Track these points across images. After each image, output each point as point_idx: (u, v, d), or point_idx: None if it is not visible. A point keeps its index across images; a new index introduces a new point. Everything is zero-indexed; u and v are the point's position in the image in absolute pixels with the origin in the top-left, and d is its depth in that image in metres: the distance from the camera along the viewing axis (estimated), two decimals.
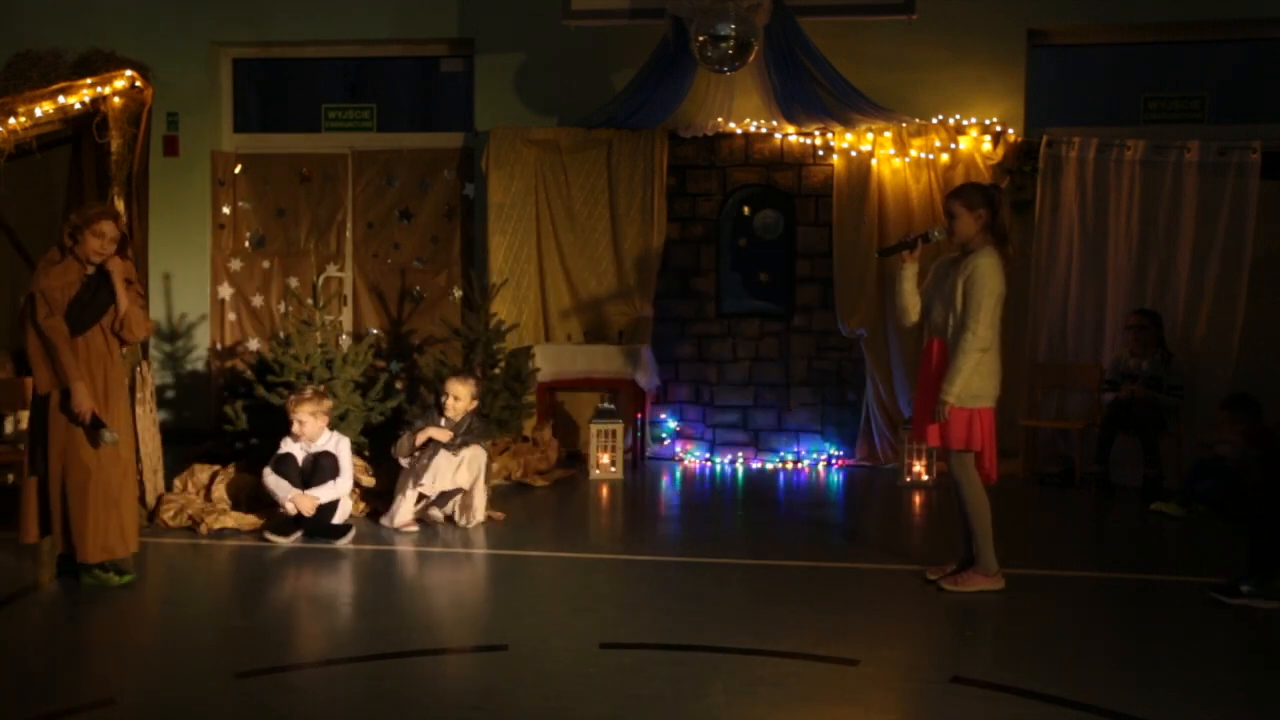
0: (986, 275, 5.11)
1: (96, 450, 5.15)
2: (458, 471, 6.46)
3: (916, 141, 8.33)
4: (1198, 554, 6.20)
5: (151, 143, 8.93)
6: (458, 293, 9.44)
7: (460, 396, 6.65)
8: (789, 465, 8.59)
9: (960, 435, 5.19)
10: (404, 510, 6.43)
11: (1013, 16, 8.59)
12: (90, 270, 5.23)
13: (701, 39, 7.89)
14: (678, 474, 8.35)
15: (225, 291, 9.71)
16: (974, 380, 5.15)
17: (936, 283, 5.37)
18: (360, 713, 3.91)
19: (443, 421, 6.65)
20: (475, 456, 6.51)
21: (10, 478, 6.77)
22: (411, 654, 4.48)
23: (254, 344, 9.53)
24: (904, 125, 8.35)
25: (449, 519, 6.56)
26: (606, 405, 8.15)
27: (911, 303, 5.44)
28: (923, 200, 8.35)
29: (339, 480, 6.30)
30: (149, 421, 6.46)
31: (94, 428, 5.10)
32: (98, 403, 5.15)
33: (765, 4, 8.09)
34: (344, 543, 6.13)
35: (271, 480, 6.23)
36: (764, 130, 8.64)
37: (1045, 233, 8.28)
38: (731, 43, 7.83)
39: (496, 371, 8.17)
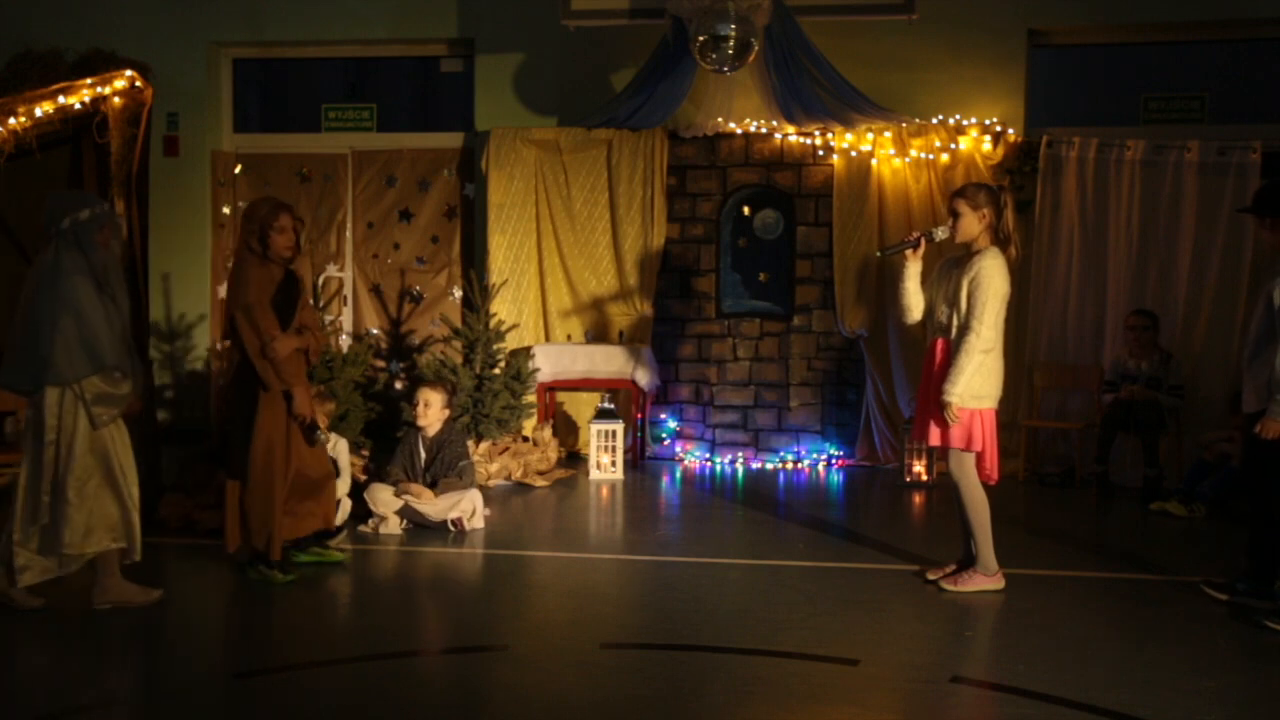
0: (992, 276, 5.12)
1: (311, 447, 5.52)
2: (450, 510, 6.47)
3: (916, 141, 8.33)
4: (1198, 554, 6.20)
5: (151, 143, 8.96)
6: (458, 293, 9.44)
7: (431, 403, 6.64)
8: (789, 465, 8.59)
9: (961, 435, 5.20)
10: (391, 522, 6.46)
11: (1013, 16, 8.60)
12: (283, 268, 5.46)
13: (702, 39, 7.89)
14: (678, 474, 8.35)
15: (225, 291, 9.71)
16: (976, 380, 5.15)
17: (940, 282, 5.37)
18: (360, 713, 3.91)
19: (419, 437, 6.65)
20: (462, 497, 6.48)
21: (4, 479, 6.77)
22: (411, 654, 4.48)
23: None
24: (904, 125, 8.35)
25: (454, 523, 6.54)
26: (606, 405, 8.15)
27: (914, 301, 5.44)
28: (923, 200, 8.36)
29: (336, 482, 6.29)
30: None
31: (311, 429, 5.45)
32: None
33: (765, 4, 8.09)
34: (334, 543, 6.12)
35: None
36: (764, 130, 8.63)
37: (1045, 233, 8.27)
38: (731, 43, 7.83)
39: (496, 371, 8.17)
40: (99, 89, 8.06)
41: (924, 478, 7.87)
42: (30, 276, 4.90)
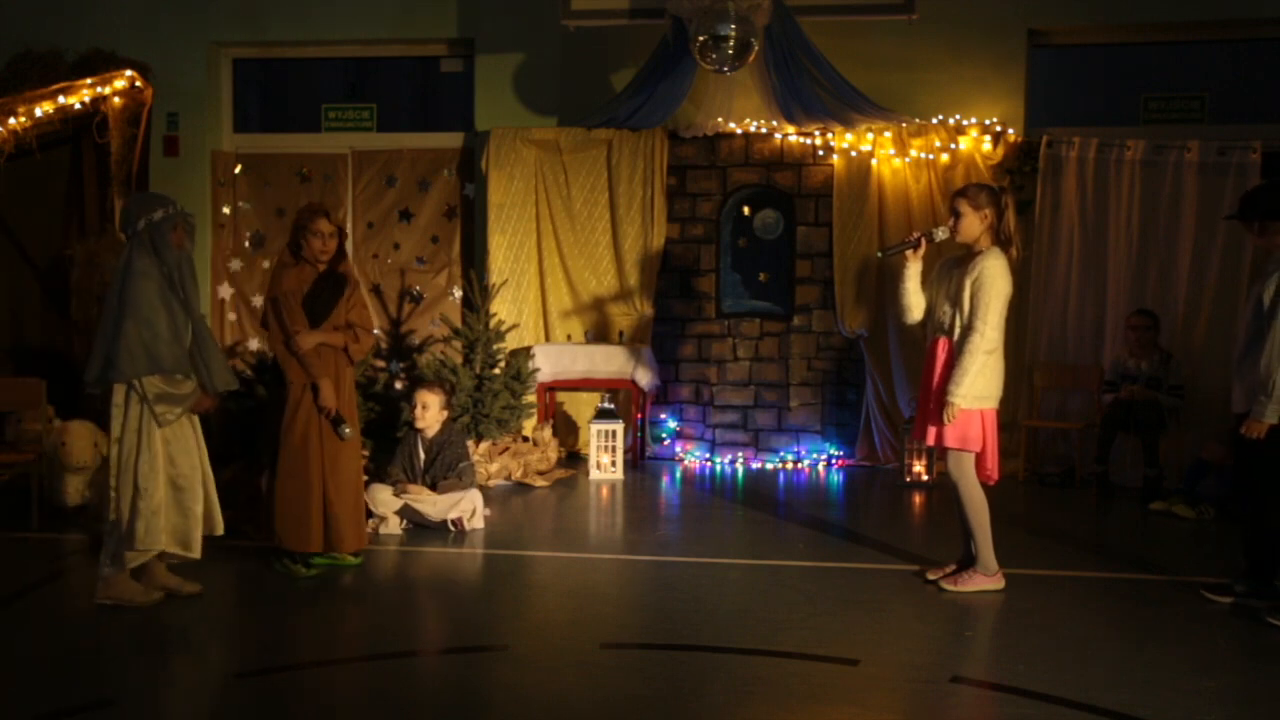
0: (995, 277, 5.13)
1: (339, 443, 5.52)
2: (450, 510, 6.46)
3: (916, 141, 8.33)
4: (1198, 554, 6.20)
5: (151, 143, 8.98)
6: (458, 293, 9.44)
7: (429, 405, 6.62)
8: (789, 465, 8.59)
9: (959, 435, 5.20)
10: (391, 522, 6.46)
11: (1013, 16, 8.60)
12: (321, 269, 5.52)
13: (702, 39, 7.89)
14: (678, 474, 8.35)
15: (225, 291, 9.72)
16: (979, 381, 5.16)
17: (940, 282, 5.37)
18: (360, 713, 3.91)
19: (418, 438, 6.64)
20: (462, 497, 6.48)
21: (6, 476, 6.78)
22: (411, 654, 4.48)
23: (254, 344, 9.54)
24: (904, 125, 8.35)
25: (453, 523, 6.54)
26: (606, 405, 8.15)
27: (915, 302, 5.44)
28: (923, 200, 8.36)
29: None
30: None
31: (335, 423, 5.47)
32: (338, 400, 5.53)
33: (765, 4, 8.09)
34: None
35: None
36: (764, 130, 8.63)
37: (1045, 233, 8.27)
38: (731, 43, 7.82)
39: (496, 371, 8.17)
40: (99, 89, 8.07)
41: (924, 478, 7.87)
42: (110, 279, 5.10)
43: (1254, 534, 5.15)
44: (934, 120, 8.37)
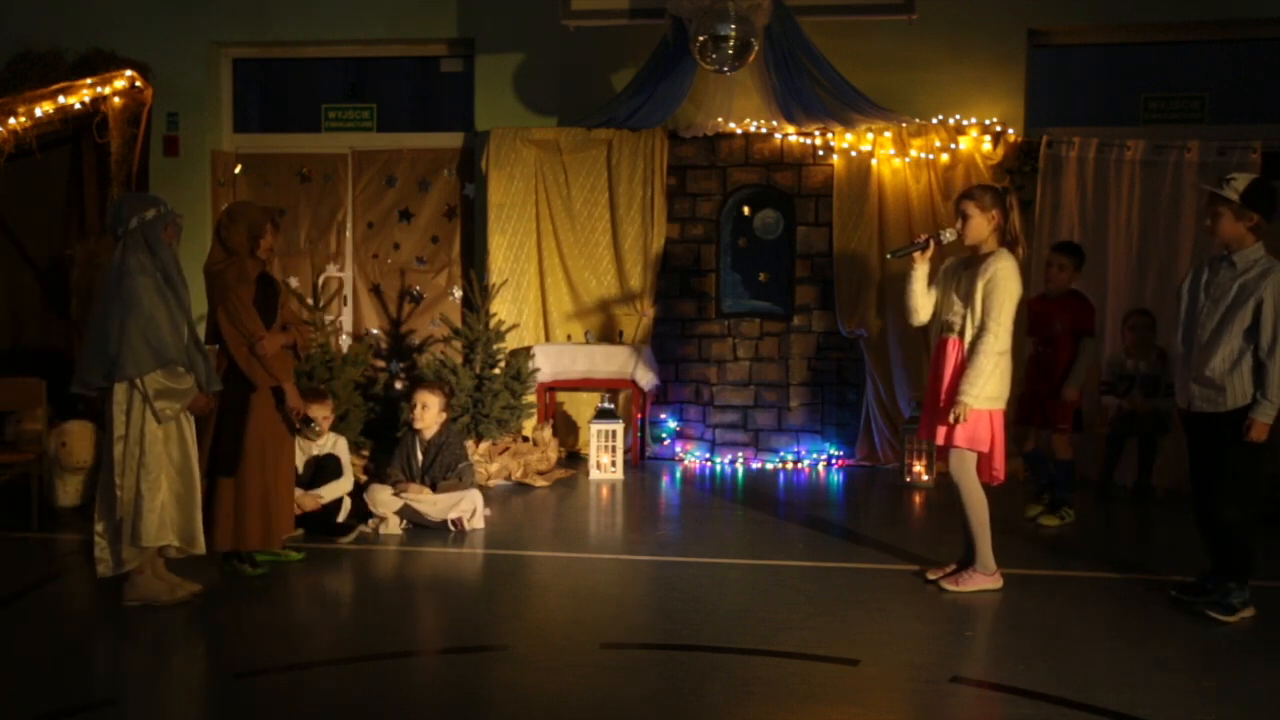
0: (1007, 278, 5.14)
1: (281, 443, 5.54)
2: (450, 510, 6.47)
3: (916, 141, 8.32)
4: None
5: (151, 143, 8.98)
6: (458, 293, 9.44)
7: (429, 405, 6.61)
8: (789, 465, 8.58)
9: (969, 435, 5.21)
10: (391, 522, 6.46)
11: (1013, 16, 8.60)
12: (265, 269, 5.55)
13: (702, 39, 7.89)
14: (678, 474, 8.35)
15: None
16: (991, 382, 5.17)
17: (948, 282, 5.38)
18: (360, 713, 3.91)
19: (415, 439, 6.64)
20: (463, 497, 6.48)
21: (6, 476, 6.77)
22: (411, 654, 4.49)
23: None
24: (904, 125, 8.35)
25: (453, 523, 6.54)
26: (606, 405, 8.15)
27: (922, 303, 5.44)
28: (923, 200, 8.35)
29: (341, 480, 6.31)
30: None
31: (306, 421, 5.55)
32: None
33: (765, 4, 8.08)
34: (347, 540, 6.14)
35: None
36: (764, 130, 8.63)
37: (1045, 233, 8.26)
38: (731, 43, 7.83)
39: (496, 371, 8.18)
40: (99, 89, 8.08)
41: (924, 478, 7.87)
42: (101, 279, 5.09)
43: (1224, 530, 5.01)
44: (934, 120, 8.37)
